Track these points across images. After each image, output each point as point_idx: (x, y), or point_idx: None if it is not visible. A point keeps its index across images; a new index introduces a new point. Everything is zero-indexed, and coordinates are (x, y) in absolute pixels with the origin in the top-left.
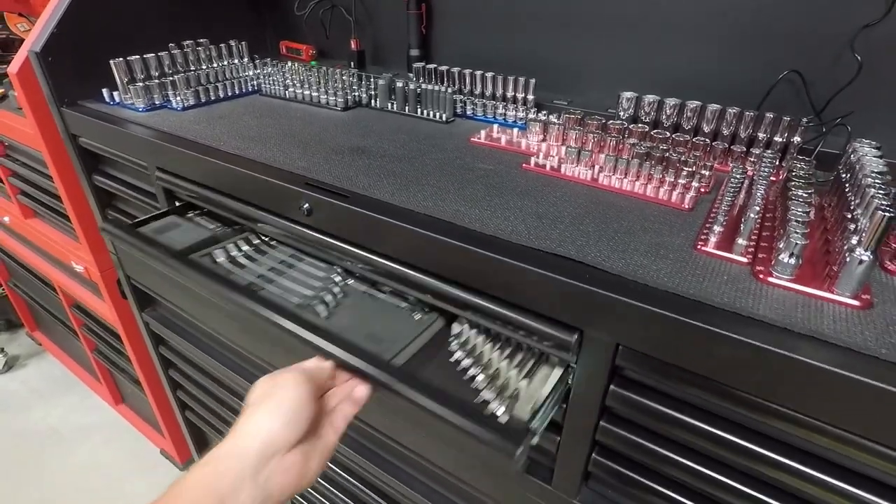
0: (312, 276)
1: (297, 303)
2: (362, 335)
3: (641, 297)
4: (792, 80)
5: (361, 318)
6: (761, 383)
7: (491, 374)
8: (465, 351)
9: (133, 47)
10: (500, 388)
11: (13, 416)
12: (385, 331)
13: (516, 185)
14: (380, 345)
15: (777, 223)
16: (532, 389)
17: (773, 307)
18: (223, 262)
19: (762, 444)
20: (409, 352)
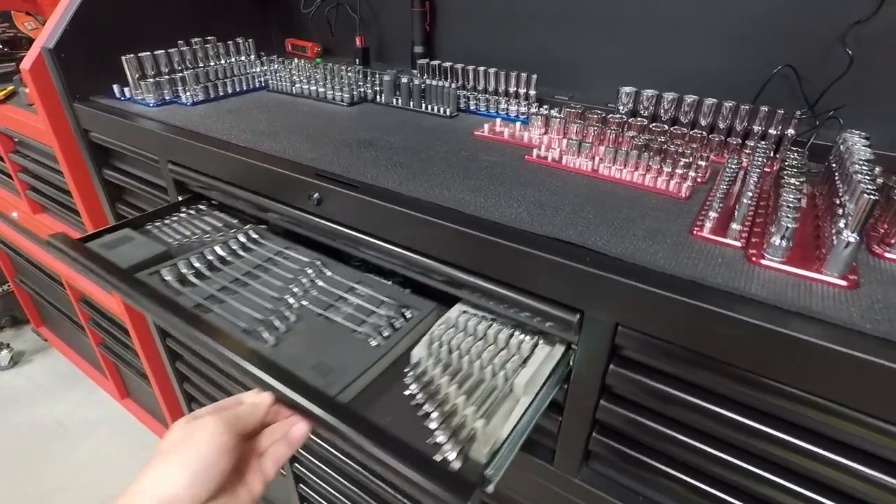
0: (266, 297)
1: (243, 327)
2: (309, 365)
3: (639, 278)
4: (786, 74)
5: (312, 345)
6: (754, 359)
7: (447, 410)
8: (420, 383)
9: (143, 44)
10: (456, 428)
11: (19, 410)
12: (336, 360)
13: (519, 175)
14: (327, 377)
15: (770, 210)
16: (492, 428)
17: (765, 287)
18: (171, 281)
19: (756, 419)
20: (359, 384)
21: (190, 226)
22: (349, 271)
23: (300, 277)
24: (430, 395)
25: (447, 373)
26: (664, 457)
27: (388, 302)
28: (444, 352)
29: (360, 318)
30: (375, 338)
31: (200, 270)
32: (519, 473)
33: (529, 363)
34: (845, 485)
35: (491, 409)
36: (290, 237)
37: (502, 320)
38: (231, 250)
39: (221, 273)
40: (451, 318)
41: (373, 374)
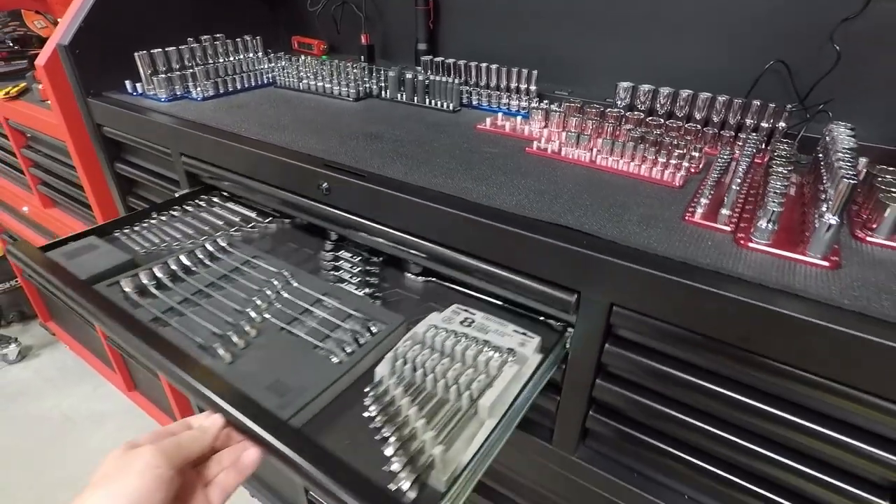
0: (227, 310)
1: (199, 343)
2: (266, 384)
3: (633, 260)
4: (778, 70)
5: (270, 362)
6: (740, 334)
7: (406, 434)
8: (381, 404)
9: (154, 41)
10: (414, 454)
11: (27, 404)
12: (295, 378)
13: (519, 166)
14: (283, 397)
15: (759, 198)
16: (452, 454)
17: (751, 267)
18: (130, 293)
19: (744, 393)
20: (317, 405)
21: (160, 233)
22: (317, 282)
23: (265, 289)
24: (390, 417)
25: (410, 393)
26: (658, 433)
27: (355, 315)
28: (409, 370)
29: (324, 332)
30: (338, 354)
31: (163, 281)
32: (518, 453)
33: (496, 383)
34: (829, 454)
35: (453, 433)
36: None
37: (471, 337)
38: (198, 259)
39: (184, 284)
40: (417, 334)
41: (332, 394)
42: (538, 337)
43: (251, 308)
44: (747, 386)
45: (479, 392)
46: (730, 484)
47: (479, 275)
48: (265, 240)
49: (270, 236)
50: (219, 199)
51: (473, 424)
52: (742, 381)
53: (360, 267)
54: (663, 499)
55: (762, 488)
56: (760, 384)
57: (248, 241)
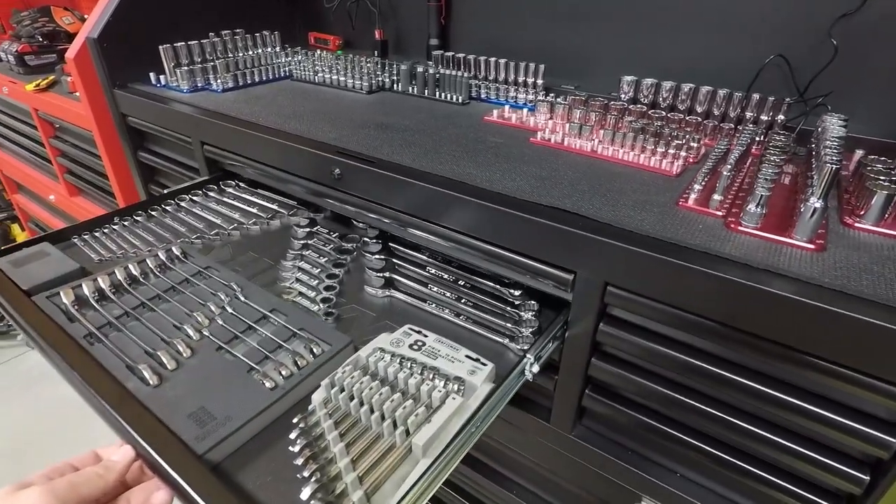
0: (166, 327)
1: (128, 363)
2: (188, 412)
3: (626, 240)
4: (778, 64)
5: (199, 387)
6: (726, 311)
7: (330, 473)
8: (307, 438)
9: (177, 35)
10: (334, 498)
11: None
12: (221, 405)
13: (523, 154)
14: (204, 426)
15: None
16: (379, 498)
17: (739, 248)
18: (69, 305)
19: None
20: (241, 437)
21: (120, 239)
22: (267, 297)
23: (210, 304)
24: (315, 453)
25: (342, 425)
26: (651, 412)
27: (300, 335)
28: (344, 399)
29: (264, 353)
30: (274, 378)
31: (105, 292)
32: (517, 432)
33: (435, 418)
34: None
35: (381, 475)
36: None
37: (419, 363)
38: (148, 269)
39: (128, 296)
40: (360, 359)
41: (262, 423)
42: (491, 364)
43: (191, 325)
44: (736, 364)
45: (416, 427)
46: (718, 460)
47: (481, 254)
48: (225, 249)
49: (232, 245)
50: (186, 203)
51: (407, 464)
52: (731, 359)
53: (318, 280)
54: (657, 476)
55: (751, 465)
56: (749, 361)
57: (208, 249)
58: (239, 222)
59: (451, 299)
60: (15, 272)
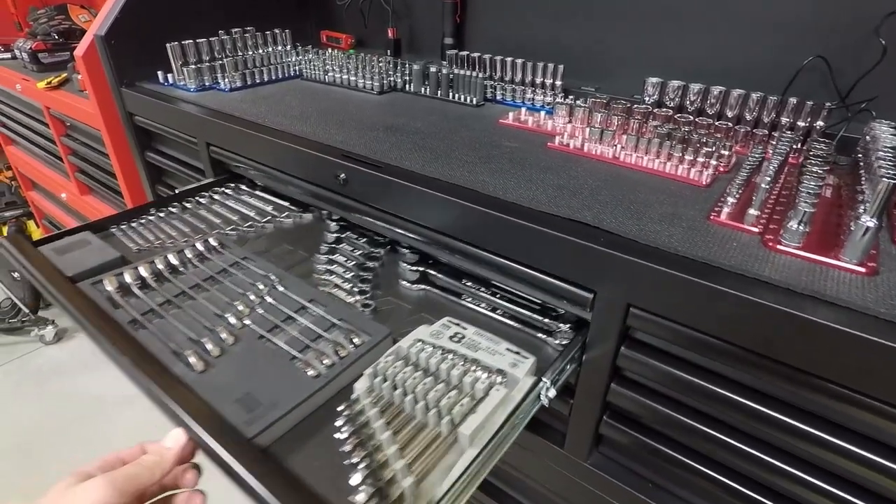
0: (207, 314)
1: (173, 349)
2: (235, 397)
3: (653, 259)
4: (817, 66)
5: (244, 373)
6: (764, 341)
7: (378, 461)
8: (354, 425)
9: (186, 33)
10: (383, 486)
11: (61, 382)
12: (267, 392)
13: (540, 160)
14: (252, 412)
15: (791, 199)
16: (426, 487)
17: (779, 271)
18: (112, 292)
19: (766, 404)
20: (288, 422)
21: (157, 230)
22: (305, 288)
23: (249, 293)
24: (362, 441)
25: (386, 414)
26: (675, 443)
27: (340, 325)
28: (388, 388)
29: (305, 342)
30: (316, 367)
31: (147, 280)
32: (529, 456)
33: (480, 408)
34: (853, 472)
35: (429, 463)
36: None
37: (460, 355)
38: (186, 259)
39: (169, 285)
40: (401, 349)
41: (305, 411)
42: (532, 357)
43: (232, 313)
44: (770, 396)
45: (462, 417)
46: (746, 499)
47: (492, 268)
48: (260, 240)
49: (266, 237)
50: (220, 196)
51: (452, 453)
52: (765, 391)
53: (353, 272)
54: None
55: None
56: (784, 395)
57: (243, 240)
58: (272, 215)
59: (487, 294)
60: (59, 259)
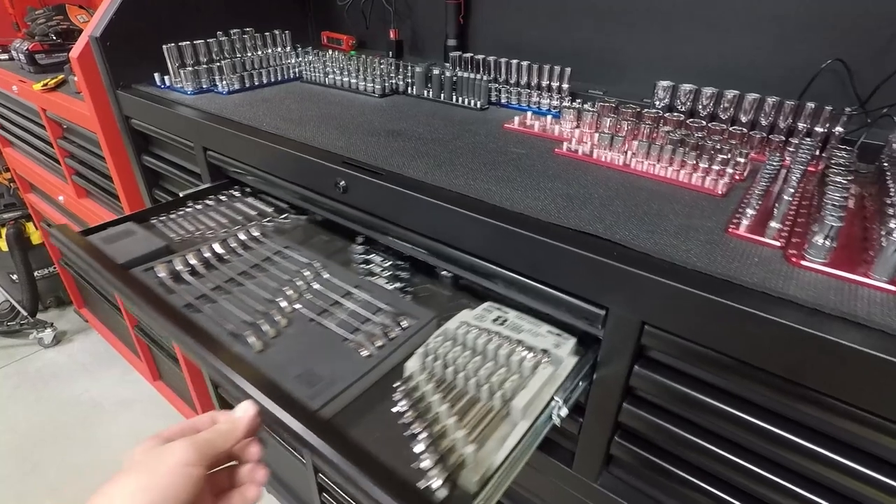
0: (258, 299)
1: (230, 330)
2: (295, 374)
3: (669, 275)
4: (835, 68)
5: (301, 352)
6: (790, 364)
7: (437, 431)
8: (411, 400)
9: (183, 34)
10: (444, 452)
11: (60, 386)
12: (325, 369)
13: (547, 168)
14: (313, 387)
15: (813, 210)
16: (484, 454)
17: (805, 289)
18: (164, 278)
19: (789, 429)
20: (346, 397)
21: (195, 221)
22: (348, 275)
23: (296, 279)
24: (420, 413)
25: (440, 389)
26: (689, 465)
27: (386, 309)
28: (439, 366)
29: (354, 325)
30: (368, 347)
31: (196, 268)
32: (536, 475)
33: (530, 384)
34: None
35: (485, 433)
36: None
37: (504, 336)
38: (230, 248)
39: (217, 272)
40: (449, 330)
41: (362, 387)
42: (574, 338)
43: (282, 298)
44: (793, 421)
45: (512, 392)
46: None
47: (498, 281)
48: (297, 231)
49: (302, 228)
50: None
51: (506, 425)
52: (789, 416)
53: (390, 261)
54: None
55: None
56: (808, 421)
57: (281, 231)
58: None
59: None
60: (109, 248)
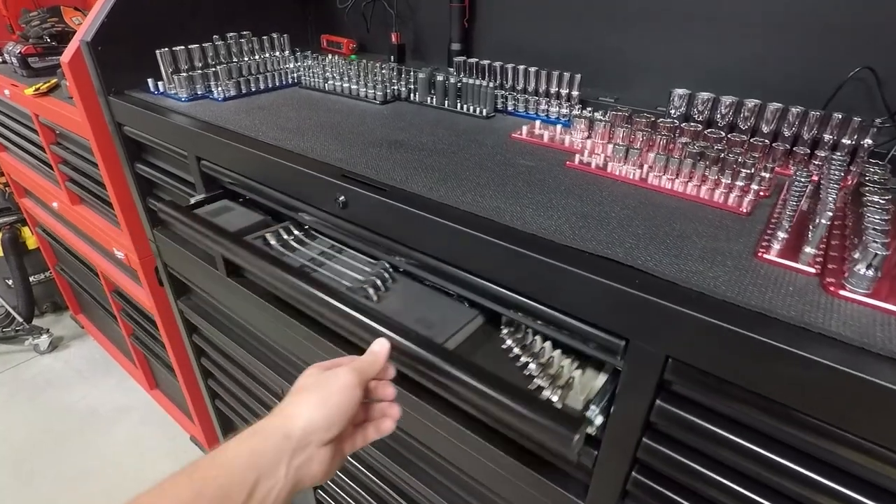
0: (363, 261)
1: (347, 286)
2: (412, 319)
3: (696, 307)
4: (863, 77)
5: (411, 304)
6: (832, 409)
7: (543, 362)
8: (516, 339)
9: (179, 38)
10: (552, 377)
11: (56, 393)
12: (435, 316)
13: (559, 182)
14: (430, 329)
15: (848, 231)
16: (586, 379)
17: (848, 324)
18: (276, 245)
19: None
20: (459, 338)
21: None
22: None
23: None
24: (525, 348)
25: (539, 333)
26: None
27: None
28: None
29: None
30: (465, 303)
31: (300, 237)
32: None
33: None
34: None
35: (585, 364)
36: None
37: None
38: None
39: (318, 241)
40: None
41: (469, 330)
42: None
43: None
44: (833, 467)
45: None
46: None
47: (509, 306)
48: None
49: None
50: None
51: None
52: (826, 459)
53: None
54: None
55: None
56: (850, 466)
57: None
58: None
59: None
60: (218, 220)
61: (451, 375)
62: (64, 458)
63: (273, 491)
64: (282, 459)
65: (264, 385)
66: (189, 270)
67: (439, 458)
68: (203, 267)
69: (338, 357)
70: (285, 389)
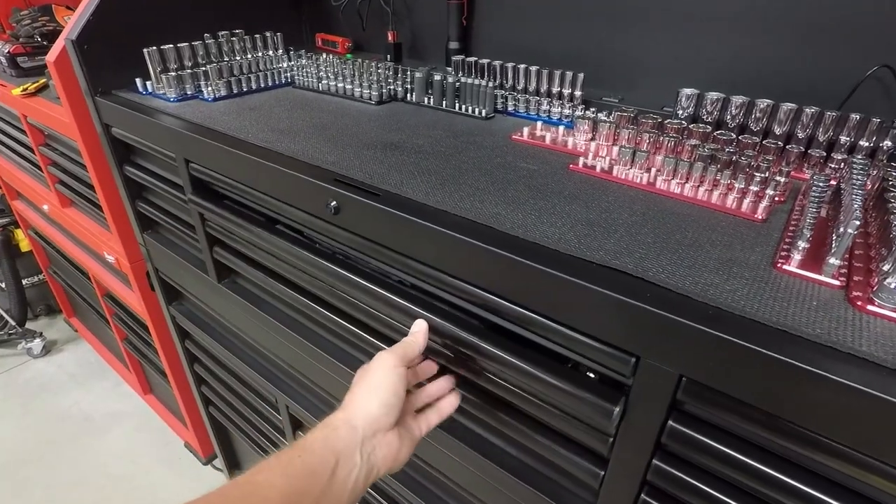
0: None
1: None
2: None
3: (713, 323)
4: (881, 76)
5: None
6: (861, 434)
7: None
8: None
9: (168, 36)
10: None
11: (50, 398)
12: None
13: (563, 187)
14: None
15: (874, 241)
16: None
17: (880, 343)
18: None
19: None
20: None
21: None
22: None
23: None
24: None
25: None
26: None
27: None
28: None
29: None
30: None
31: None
32: None
33: None
34: None
35: None
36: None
37: None
38: None
39: None
40: None
41: None
42: None
43: None
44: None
45: None
46: None
47: (510, 319)
48: None
49: None
50: None
51: None
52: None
53: None
54: None
55: None
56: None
57: None
58: None
59: None
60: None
61: (494, 356)
62: (58, 465)
63: (352, 473)
64: (355, 447)
65: (257, 392)
66: (179, 275)
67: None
68: (193, 272)
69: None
70: (278, 397)
